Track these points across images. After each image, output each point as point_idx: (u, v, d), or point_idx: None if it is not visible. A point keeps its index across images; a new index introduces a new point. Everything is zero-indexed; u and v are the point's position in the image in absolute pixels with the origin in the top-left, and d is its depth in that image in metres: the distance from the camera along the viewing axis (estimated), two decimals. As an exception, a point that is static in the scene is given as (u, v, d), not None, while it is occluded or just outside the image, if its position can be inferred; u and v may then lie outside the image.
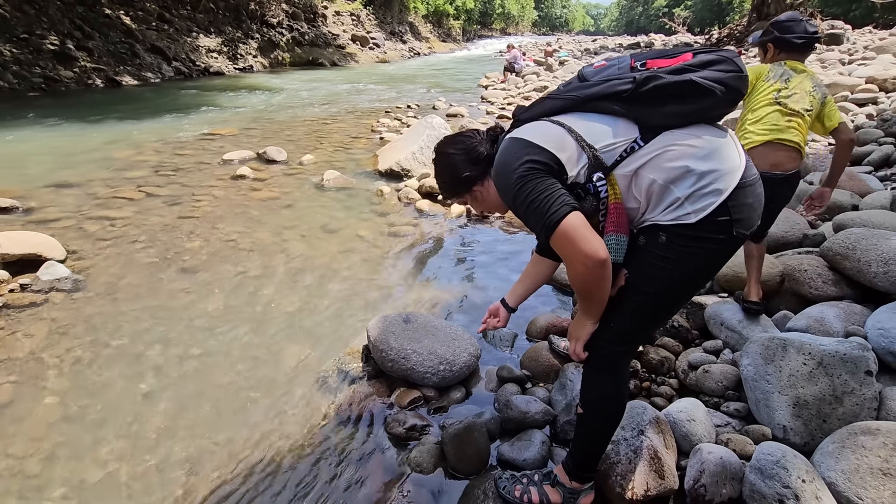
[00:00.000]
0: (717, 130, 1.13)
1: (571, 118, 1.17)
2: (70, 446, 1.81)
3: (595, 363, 1.27)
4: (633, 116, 1.12)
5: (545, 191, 1.08)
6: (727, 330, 1.99)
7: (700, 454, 1.42)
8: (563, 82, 1.28)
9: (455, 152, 1.31)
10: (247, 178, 4.98)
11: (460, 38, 43.86)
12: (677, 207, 1.08)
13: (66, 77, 11.77)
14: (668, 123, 1.11)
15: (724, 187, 1.06)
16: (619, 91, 1.12)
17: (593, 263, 1.05)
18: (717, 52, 1.12)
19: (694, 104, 1.09)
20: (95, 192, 4.49)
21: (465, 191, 1.34)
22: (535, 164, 1.11)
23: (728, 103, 1.12)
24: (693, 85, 1.06)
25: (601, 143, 1.12)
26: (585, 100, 1.16)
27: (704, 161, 1.07)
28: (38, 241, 3.08)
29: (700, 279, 1.20)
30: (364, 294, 2.89)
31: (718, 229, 1.07)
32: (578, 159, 1.13)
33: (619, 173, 1.13)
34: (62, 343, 2.39)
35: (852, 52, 11.09)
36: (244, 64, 17.64)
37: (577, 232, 1.05)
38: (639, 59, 1.16)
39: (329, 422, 1.93)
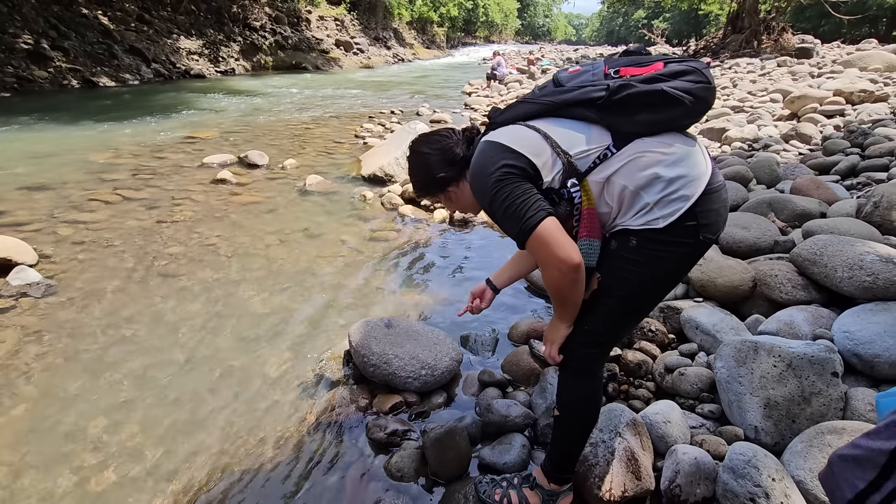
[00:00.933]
0: (686, 139, 1.17)
1: (547, 123, 1.19)
2: (41, 457, 1.76)
3: (570, 366, 1.30)
4: (607, 123, 1.15)
5: (521, 196, 1.11)
6: (702, 333, 2.04)
7: (675, 455, 1.45)
8: (538, 85, 1.29)
9: (430, 152, 1.31)
10: (227, 183, 4.91)
11: (444, 45, 44.13)
12: (647, 213, 1.12)
13: (41, 77, 11.48)
14: (639, 131, 1.14)
15: (690, 193, 1.10)
16: (593, 98, 1.14)
17: (567, 268, 1.09)
18: (686, 63, 1.15)
19: (664, 113, 1.12)
20: (70, 194, 4.38)
21: (439, 191, 1.35)
22: (511, 169, 1.13)
23: (696, 113, 1.15)
24: (664, 95, 1.10)
25: (575, 149, 1.15)
26: (561, 105, 1.18)
27: (672, 168, 1.11)
28: (7, 246, 2.99)
29: (669, 282, 1.24)
30: (346, 299, 2.88)
31: (686, 234, 1.12)
32: (553, 165, 1.15)
33: (592, 179, 1.15)
34: (32, 350, 2.32)
35: (821, 66, 11.51)
36: (226, 67, 17.45)
37: (552, 237, 1.08)
38: (612, 66, 1.19)
39: (309, 428, 1.91)
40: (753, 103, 7.67)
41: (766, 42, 16.86)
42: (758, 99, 8.00)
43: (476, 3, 48.95)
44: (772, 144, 5.18)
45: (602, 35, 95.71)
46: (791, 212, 2.93)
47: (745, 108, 7.45)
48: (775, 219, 2.93)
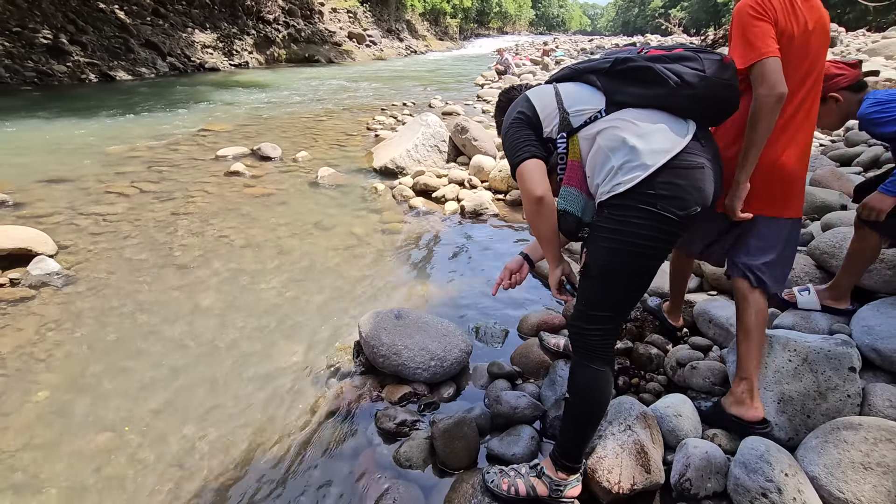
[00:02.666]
0: (671, 118, 1.25)
1: (567, 85, 1.40)
2: (61, 441, 1.81)
3: (580, 347, 1.36)
4: (605, 90, 1.32)
5: (519, 138, 1.34)
6: (715, 327, 2.01)
7: (686, 449, 1.43)
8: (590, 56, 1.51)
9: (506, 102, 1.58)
10: (241, 175, 4.96)
11: (457, 37, 43.81)
12: (612, 177, 1.24)
13: (59, 71, 11.68)
14: (627, 101, 1.28)
15: (651, 163, 1.19)
16: (601, 67, 1.33)
17: (531, 198, 1.29)
18: (696, 52, 1.28)
19: (652, 90, 1.25)
20: (88, 187, 4.46)
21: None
22: (520, 115, 1.37)
23: (686, 97, 1.23)
24: (652, 72, 1.24)
25: (574, 107, 1.33)
26: (580, 72, 1.39)
27: (640, 138, 1.22)
28: (28, 236, 3.06)
29: (646, 254, 1.25)
30: (356, 290, 2.90)
31: (644, 200, 1.20)
32: (553, 118, 1.35)
33: (581, 135, 1.32)
34: (52, 338, 2.38)
35: (845, 55, 11.17)
36: (240, 60, 17.55)
37: (528, 173, 1.30)
38: (646, 48, 1.35)
39: (320, 416, 1.93)
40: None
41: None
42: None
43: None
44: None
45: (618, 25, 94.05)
46: (810, 204, 2.85)
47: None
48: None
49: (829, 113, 1.72)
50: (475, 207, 4.03)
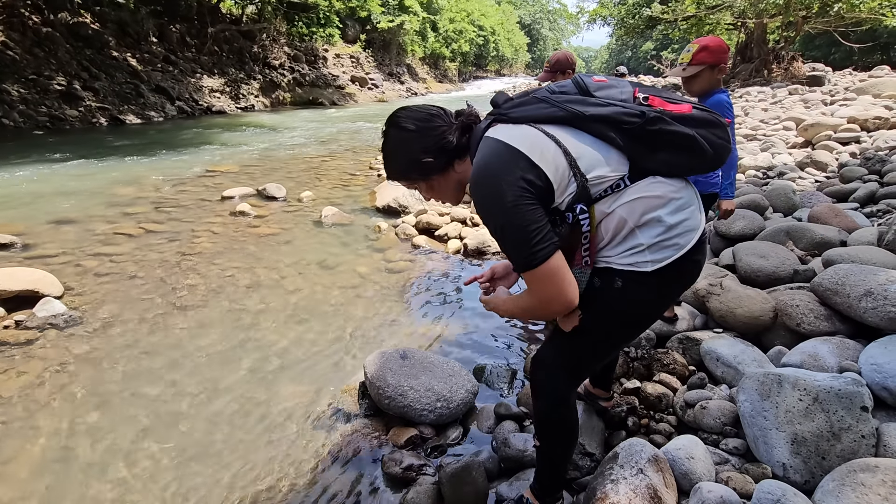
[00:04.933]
0: (690, 187, 1.16)
1: (567, 135, 1.08)
2: (61, 489, 1.77)
3: (547, 396, 1.32)
4: (629, 153, 1.09)
5: (534, 223, 1.01)
6: (723, 365, 2.00)
7: (700, 493, 1.40)
8: (557, 83, 1.16)
9: (416, 130, 1.15)
10: (246, 215, 5.04)
11: (456, 79, 45.34)
12: (637, 253, 1.09)
13: (72, 116, 12.05)
14: (657, 169, 1.10)
15: (685, 243, 1.09)
16: (624, 121, 1.06)
17: (564, 308, 1.06)
18: (713, 115, 1.12)
19: (685, 159, 1.09)
20: (95, 228, 4.53)
21: (421, 178, 1.21)
22: (528, 186, 1.02)
23: (709, 167, 1.15)
24: (693, 141, 1.07)
25: (593, 173, 1.07)
26: (586, 119, 1.07)
27: (675, 214, 1.09)
28: (35, 278, 3.09)
29: (645, 324, 1.25)
30: (361, 330, 2.89)
31: (669, 282, 1.12)
32: (568, 186, 1.07)
33: (598, 208, 1.09)
34: (56, 381, 2.36)
35: (834, 94, 11.52)
36: (246, 103, 18.12)
37: (560, 274, 1.03)
38: (643, 91, 1.12)
39: (325, 461, 1.90)
40: (766, 131, 7.68)
41: (776, 71, 17.00)
42: (770, 127, 8.01)
43: (487, 38, 50.46)
44: (787, 172, 5.15)
45: (611, 67, 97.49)
46: (810, 240, 2.89)
47: (758, 136, 7.46)
48: (794, 247, 2.89)
49: None
50: (478, 245, 4.08)
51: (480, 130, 1.15)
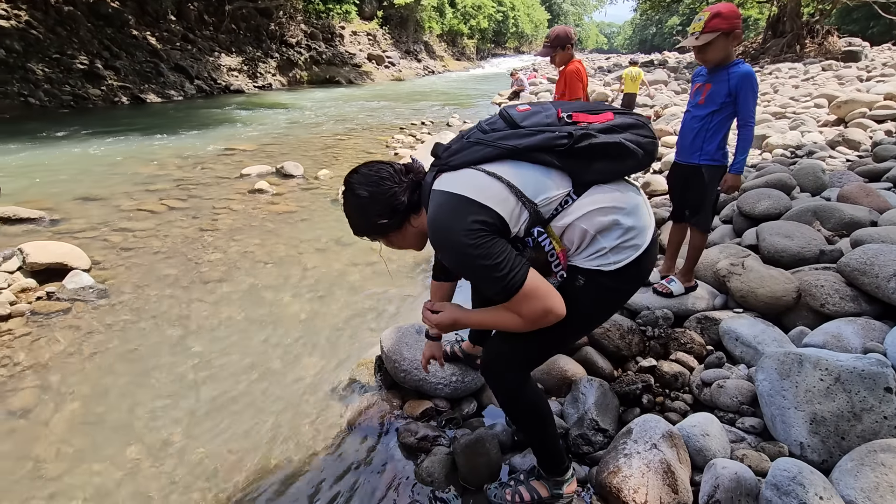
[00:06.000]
0: (634, 188, 1.26)
1: (507, 169, 1.14)
2: (91, 450, 1.86)
3: (508, 388, 1.35)
4: (568, 170, 1.17)
5: (499, 254, 1.08)
6: (742, 345, 1.97)
7: (714, 469, 1.40)
8: (486, 121, 1.23)
9: (369, 195, 1.22)
10: (264, 192, 5.09)
11: (474, 57, 44.51)
12: (601, 256, 1.19)
13: (94, 95, 12.23)
14: (597, 179, 1.18)
15: (641, 243, 1.20)
16: (554, 145, 1.14)
17: (553, 317, 1.13)
18: (634, 117, 1.22)
19: (619, 164, 1.19)
20: (119, 204, 4.63)
21: (379, 236, 1.30)
22: (482, 226, 1.08)
23: (643, 165, 1.23)
24: (622, 146, 1.16)
25: (540, 196, 1.15)
26: (522, 150, 1.15)
27: (629, 217, 1.18)
28: (63, 251, 3.19)
29: (604, 319, 1.45)
30: (377, 306, 2.93)
31: (629, 279, 1.22)
32: (520, 215, 1.14)
33: (554, 225, 1.18)
34: (86, 350, 2.46)
35: (870, 69, 10.99)
36: (263, 82, 18.13)
37: (541, 289, 1.11)
38: (565, 109, 1.19)
39: (342, 431, 1.95)
40: (796, 109, 7.40)
41: (809, 46, 16.26)
42: (801, 105, 7.71)
43: (506, 14, 49.23)
44: (816, 151, 4.97)
45: (634, 43, 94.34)
46: (838, 220, 2.80)
47: (787, 114, 7.19)
48: (821, 228, 2.81)
49: None
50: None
51: (428, 184, 1.22)
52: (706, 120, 2.24)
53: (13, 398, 2.12)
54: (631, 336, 2.16)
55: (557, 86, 3.57)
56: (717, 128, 2.23)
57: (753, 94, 2.16)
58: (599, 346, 2.16)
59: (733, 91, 2.15)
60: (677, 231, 2.57)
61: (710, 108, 2.21)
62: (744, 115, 2.17)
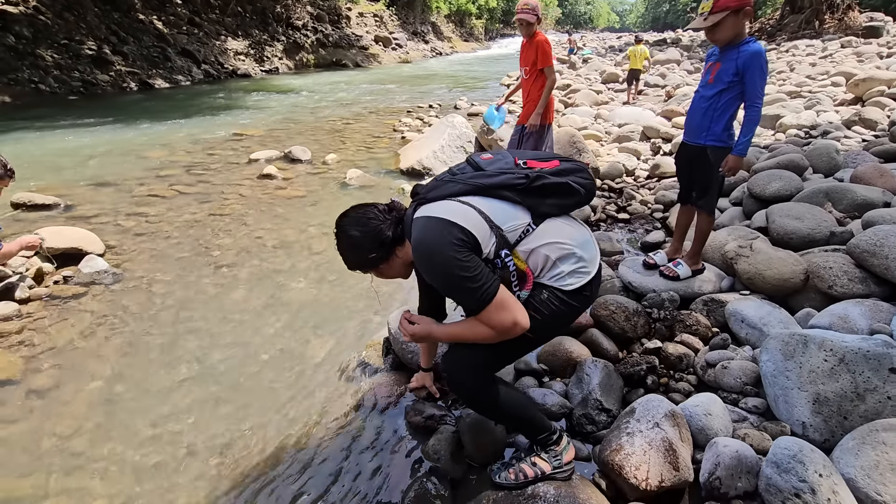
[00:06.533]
0: (582, 225, 1.52)
1: (479, 201, 1.36)
2: (110, 427, 1.93)
3: (473, 394, 1.43)
4: (526, 205, 1.39)
5: (475, 268, 1.26)
6: (747, 327, 1.98)
7: (716, 447, 1.42)
8: (456, 167, 1.49)
9: (360, 234, 1.40)
10: (273, 178, 5.12)
11: (482, 38, 43.75)
12: (561, 278, 1.40)
13: (103, 81, 12.27)
14: (549, 212, 1.42)
15: (591, 270, 1.43)
16: (514, 184, 1.38)
17: (519, 329, 1.29)
18: (575, 163, 1.49)
19: (567, 199, 1.44)
20: (131, 190, 4.69)
21: (371, 269, 1.47)
22: (460, 244, 1.27)
23: (584, 202, 1.49)
24: (569, 186, 1.42)
25: (506, 224, 1.36)
26: (488, 188, 1.38)
27: (582, 248, 1.42)
28: (78, 236, 3.25)
29: (557, 329, 1.67)
30: (384, 289, 2.96)
31: (581, 299, 1.42)
32: (490, 238, 1.33)
33: (520, 249, 1.38)
34: (102, 332, 2.53)
35: (892, 46, 10.64)
36: (270, 66, 18.03)
37: (509, 302, 1.29)
38: (520, 157, 1.46)
39: (350, 411, 2.00)
40: (812, 88, 7.22)
41: (828, 21, 15.75)
42: (817, 83, 7.52)
43: (515, -7, 48.19)
44: (831, 131, 4.87)
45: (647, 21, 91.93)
46: (850, 202, 2.76)
47: (803, 93, 7.02)
48: (832, 209, 2.77)
49: None
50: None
51: (410, 216, 1.41)
52: (714, 99, 2.20)
53: (35, 378, 2.19)
54: (636, 318, 2.17)
55: (527, 56, 3.78)
56: (724, 108, 2.20)
57: (762, 73, 2.12)
58: (605, 329, 2.18)
59: (741, 70, 2.11)
60: (685, 213, 2.56)
61: (718, 88, 2.18)
62: (750, 95, 2.13)
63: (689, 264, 2.40)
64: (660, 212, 3.80)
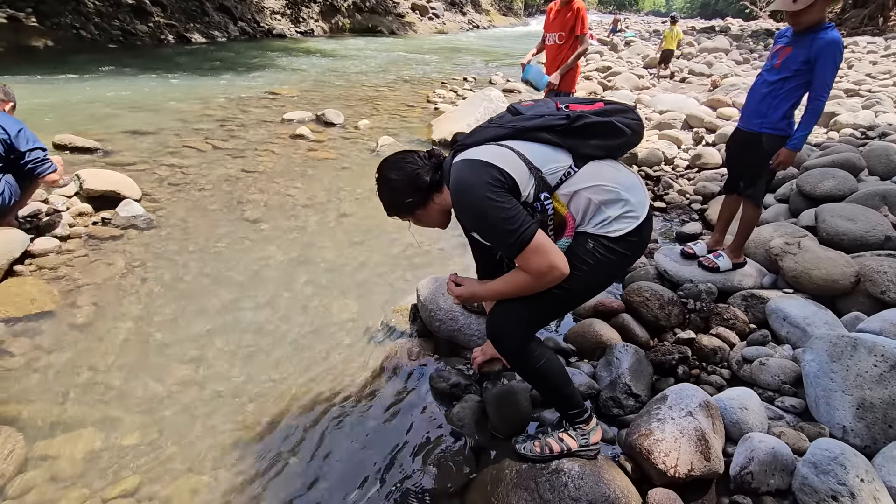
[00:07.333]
0: (626, 166, 1.43)
1: (517, 144, 1.33)
2: (142, 365, 1.99)
3: (511, 351, 1.41)
4: (567, 146, 1.34)
5: (512, 209, 1.24)
6: (790, 325, 1.91)
7: (750, 442, 1.39)
8: (497, 115, 1.46)
9: (398, 178, 1.40)
10: (305, 138, 5.11)
11: (521, 13, 42.45)
12: (607, 224, 1.32)
13: (142, 31, 12.34)
14: (593, 154, 1.36)
15: (640, 215, 1.34)
16: (554, 125, 1.33)
17: (559, 274, 1.25)
18: (623, 104, 1.42)
19: (611, 141, 1.37)
20: (167, 140, 4.74)
21: (408, 214, 1.46)
22: (497, 184, 1.25)
23: (632, 144, 1.41)
24: (613, 125, 1.35)
25: (546, 166, 1.32)
26: (527, 130, 1.35)
27: (629, 191, 1.34)
28: (117, 180, 3.31)
29: (605, 281, 1.49)
30: (413, 256, 2.95)
31: (629, 246, 1.34)
32: (529, 180, 1.30)
33: (560, 193, 1.33)
34: (137, 274, 2.59)
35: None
36: (305, 27, 17.85)
37: (547, 246, 1.24)
38: (562, 102, 1.41)
39: (374, 372, 2.01)
40: (872, 87, 6.82)
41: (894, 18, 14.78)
42: (878, 82, 7.10)
43: (560, -33, 46.29)
44: (891, 133, 4.60)
45: (696, 7, 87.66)
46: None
47: (861, 91, 6.64)
48: (888, 213, 2.63)
49: None
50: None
51: (448, 162, 1.40)
52: (776, 85, 2.08)
53: (73, 312, 2.26)
54: (671, 307, 2.12)
55: (562, 21, 3.63)
56: (786, 95, 2.07)
57: (834, 65, 1.98)
58: (637, 314, 2.13)
59: (812, 58, 1.98)
60: (729, 204, 2.46)
61: (783, 74, 2.05)
62: (818, 86, 2.00)
63: (731, 257, 2.32)
64: (698, 203, 3.68)
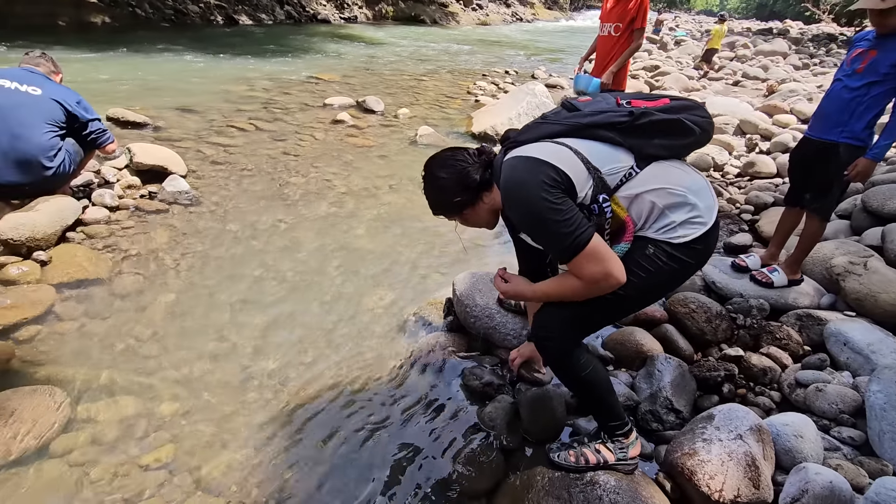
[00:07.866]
0: (694, 168, 1.32)
1: (574, 142, 1.24)
2: (181, 338, 2.03)
3: (556, 356, 1.35)
4: (629, 145, 1.25)
5: (568, 211, 1.16)
6: (850, 351, 1.78)
7: (805, 472, 1.30)
8: (551, 111, 1.37)
9: (447, 176, 1.34)
10: (345, 124, 5.12)
11: (567, 7, 41.56)
12: (671, 229, 1.23)
13: (193, 11, 12.65)
14: (657, 154, 1.26)
15: (707, 221, 1.24)
16: (615, 122, 1.23)
17: (614, 283, 1.16)
18: (691, 101, 1.32)
19: (677, 140, 1.26)
20: (213, 119, 4.84)
21: (455, 214, 1.41)
22: (552, 184, 1.17)
23: (700, 143, 1.30)
24: (680, 123, 1.24)
25: (606, 166, 1.23)
26: (585, 127, 1.25)
27: (697, 195, 1.24)
28: (164, 156, 3.39)
29: (664, 290, 1.39)
30: (449, 249, 2.92)
31: (693, 254, 1.25)
32: (586, 181, 1.21)
33: (620, 195, 1.24)
34: (180, 249, 2.65)
35: None
36: (349, 14, 17.96)
37: (605, 253, 1.16)
38: (623, 98, 1.31)
39: (405, 364, 1.99)
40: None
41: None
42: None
43: (610, -38, 45.00)
44: (966, 151, 4.26)
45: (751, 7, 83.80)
46: None
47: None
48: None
49: None
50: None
51: (500, 160, 1.33)
52: (860, 91, 1.93)
53: (118, 281, 2.33)
54: (718, 321, 2.02)
55: (620, 11, 3.35)
56: (871, 103, 1.93)
57: None
58: (681, 326, 2.04)
59: None
60: (789, 216, 2.32)
61: (869, 79, 1.91)
62: None
63: (787, 273, 2.19)
64: (749, 213, 3.50)
